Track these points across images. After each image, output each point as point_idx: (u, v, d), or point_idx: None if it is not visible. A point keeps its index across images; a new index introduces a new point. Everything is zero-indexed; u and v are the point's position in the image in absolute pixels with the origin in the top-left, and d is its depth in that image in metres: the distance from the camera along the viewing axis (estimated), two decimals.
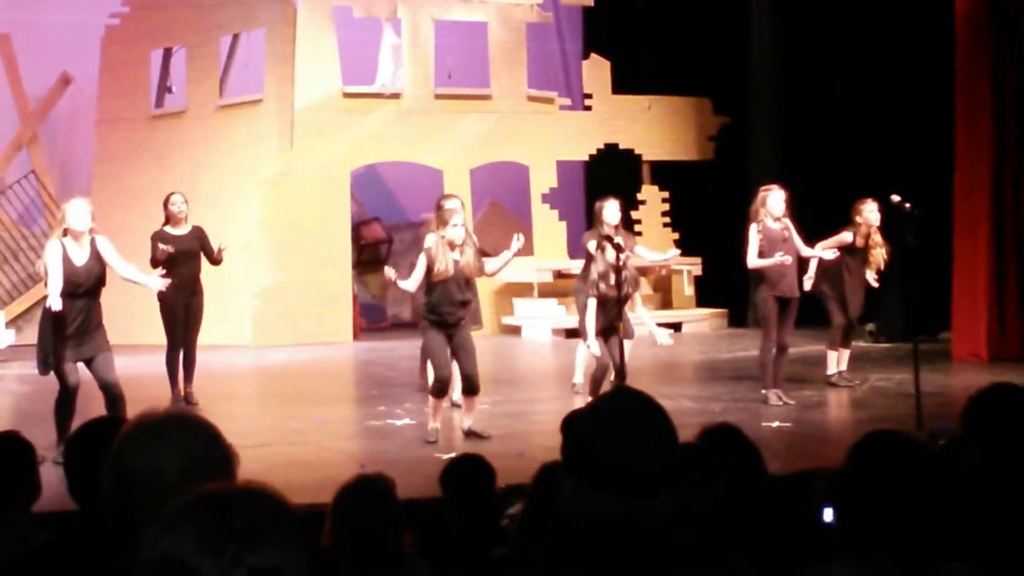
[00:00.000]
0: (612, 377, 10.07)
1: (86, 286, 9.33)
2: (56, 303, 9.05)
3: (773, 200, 11.01)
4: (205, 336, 11.80)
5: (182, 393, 11.62)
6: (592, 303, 10.17)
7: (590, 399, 10.35)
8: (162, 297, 11.44)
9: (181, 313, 11.67)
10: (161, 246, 11.35)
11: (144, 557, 1.69)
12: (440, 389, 9.65)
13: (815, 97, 17.59)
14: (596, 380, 10.31)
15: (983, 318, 13.20)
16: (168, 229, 11.82)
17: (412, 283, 9.72)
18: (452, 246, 9.63)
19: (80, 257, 9.33)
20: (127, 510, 2.27)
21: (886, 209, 10.88)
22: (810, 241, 11.38)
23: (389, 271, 9.84)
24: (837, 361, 11.93)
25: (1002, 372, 11.66)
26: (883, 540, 2.70)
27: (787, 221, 11.06)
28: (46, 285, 9.38)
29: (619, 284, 9.87)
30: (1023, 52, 13.38)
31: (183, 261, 11.59)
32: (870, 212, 11.69)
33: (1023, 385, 4.19)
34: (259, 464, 8.94)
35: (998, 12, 13.50)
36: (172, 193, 12.10)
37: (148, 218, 18.24)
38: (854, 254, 11.71)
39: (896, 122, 16.19)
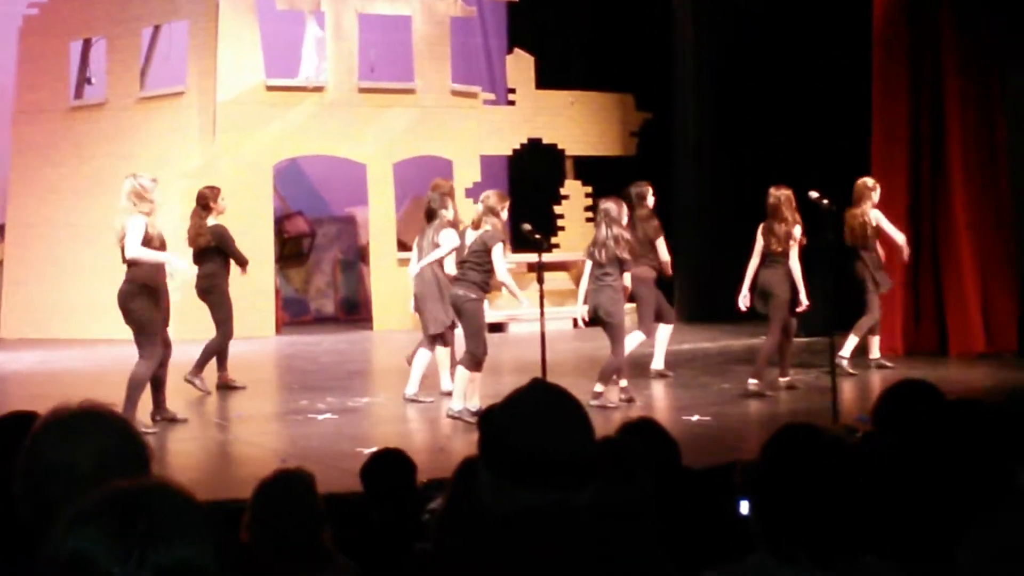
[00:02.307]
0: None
1: None
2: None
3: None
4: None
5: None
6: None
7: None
8: (225, 288, 11.98)
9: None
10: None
11: (52, 555, 1.70)
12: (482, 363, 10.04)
13: (736, 93, 17.73)
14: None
15: (899, 313, 13.38)
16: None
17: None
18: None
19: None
20: (42, 506, 2.26)
21: (804, 205, 10.99)
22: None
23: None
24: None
25: (917, 366, 11.84)
26: (798, 533, 2.73)
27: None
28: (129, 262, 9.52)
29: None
30: (938, 45, 13.56)
31: None
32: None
33: (932, 380, 4.26)
34: (180, 458, 8.90)
35: (915, 6, 13.71)
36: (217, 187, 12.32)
37: (67, 210, 18.08)
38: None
39: (815, 117, 16.35)
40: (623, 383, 10.68)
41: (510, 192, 21.07)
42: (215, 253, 12.01)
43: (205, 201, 12.11)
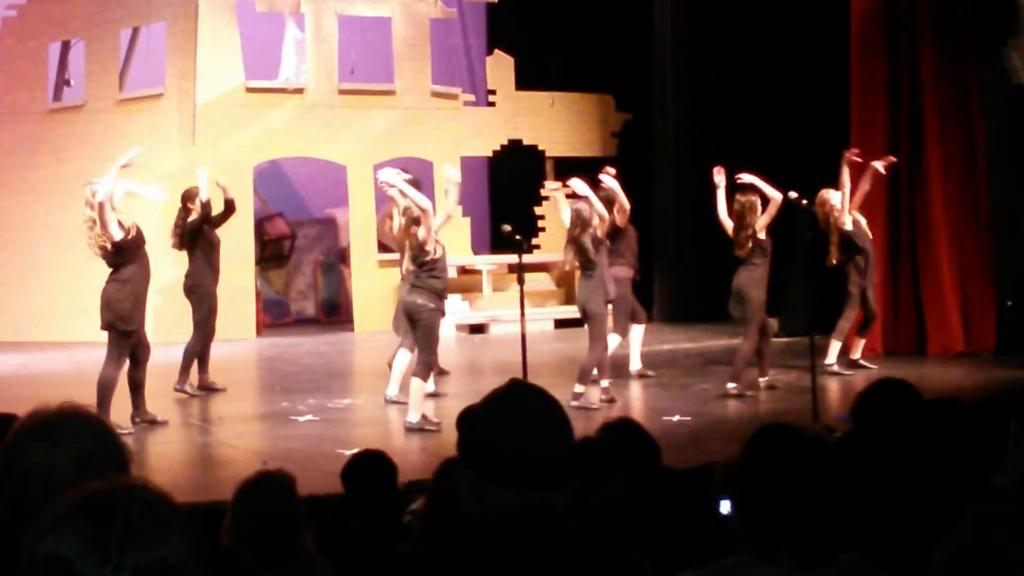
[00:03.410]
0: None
1: None
2: None
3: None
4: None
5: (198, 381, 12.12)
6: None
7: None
8: (209, 289, 12.07)
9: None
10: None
11: (29, 557, 1.70)
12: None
13: (716, 94, 17.77)
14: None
15: (878, 313, 13.43)
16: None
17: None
18: None
19: None
20: (20, 508, 2.26)
21: (785, 207, 11.02)
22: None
23: None
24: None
25: (895, 366, 11.88)
26: (778, 533, 2.74)
27: None
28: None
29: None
30: (915, 46, 13.62)
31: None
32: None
33: (911, 380, 4.29)
34: (161, 460, 8.89)
35: (892, 8, 13.77)
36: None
37: (45, 212, 18.01)
38: None
39: (795, 117, 16.39)
40: (604, 383, 10.69)
41: (490, 194, 21.15)
42: (200, 254, 12.01)
43: (187, 200, 12.13)
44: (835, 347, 12.20)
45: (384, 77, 18.97)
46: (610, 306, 11.14)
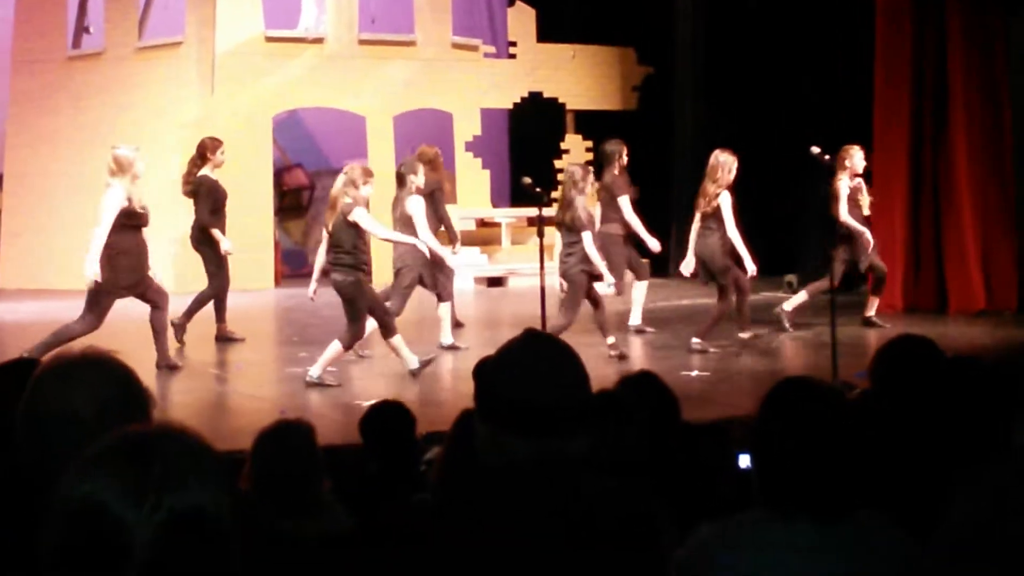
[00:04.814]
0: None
1: None
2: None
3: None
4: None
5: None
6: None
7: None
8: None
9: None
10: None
11: (64, 501, 1.69)
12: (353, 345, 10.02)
13: (738, 48, 17.66)
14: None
15: (899, 269, 13.37)
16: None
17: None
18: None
19: None
20: (43, 453, 2.26)
21: (806, 161, 10.95)
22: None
23: None
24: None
25: (915, 323, 11.84)
26: (797, 487, 2.73)
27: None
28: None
29: None
30: (941, 13, 13.49)
31: None
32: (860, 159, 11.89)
33: (931, 337, 4.26)
34: (179, 410, 8.91)
35: None
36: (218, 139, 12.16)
37: (63, 160, 18.02)
38: None
39: (817, 73, 16.30)
40: (610, 339, 10.66)
41: (510, 146, 21.09)
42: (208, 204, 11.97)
43: (204, 151, 12.05)
44: (798, 298, 12.13)
45: (405, 28, 18.89)
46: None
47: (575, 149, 19.73)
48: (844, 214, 11.64)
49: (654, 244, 12.06)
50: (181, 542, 1.68)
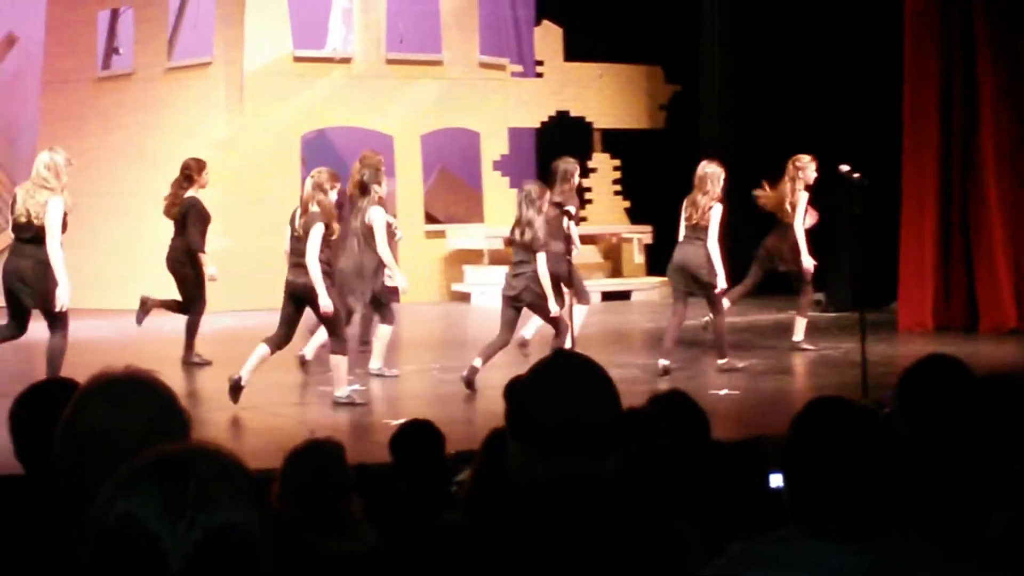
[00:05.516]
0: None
1: None
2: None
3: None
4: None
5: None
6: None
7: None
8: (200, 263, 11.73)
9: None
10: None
11: (101, 518, 1.71)
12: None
13: (764, 66, 17.63)
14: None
15: (929, 288, 13.30)
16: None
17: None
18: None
19: None
20: (82, 472, 2.27)
21: (835, 179, 10.93)
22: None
23: None
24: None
25: (946, 342, 11.77)
26: (828, 505, 2.72)
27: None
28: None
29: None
30: (969, 20, 13.43)
31: None
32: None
33: (955, 356, 4.22)
34: (210, 429, 8.93)
35: None
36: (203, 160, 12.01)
37: (94, 180, 18.11)
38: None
39: (845, 91, 16.25)
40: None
41: (537, 165, 21.10)
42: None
43: (188, 172, 11.85)
44: (801, 324, 12.14)
45: (432, 47, 18.94)
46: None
47: (602, 168, 19.73)
48: (800, 225, 11.68)
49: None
50: (215, 560, 1.70)
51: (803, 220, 11.72)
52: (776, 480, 4.37)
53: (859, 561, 2.68)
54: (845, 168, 10.45)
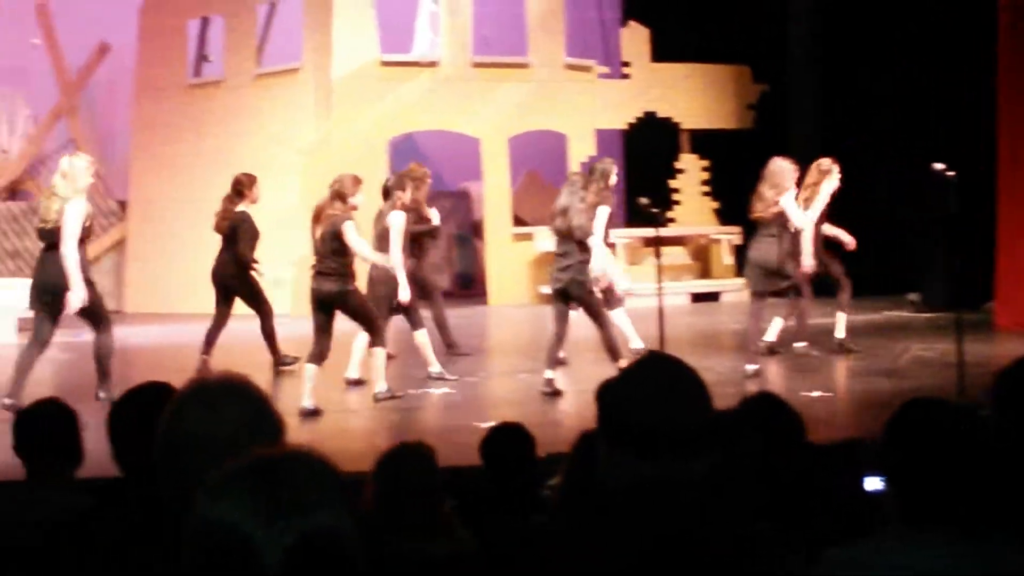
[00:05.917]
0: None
1: None
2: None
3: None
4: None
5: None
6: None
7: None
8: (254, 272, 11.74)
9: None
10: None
11: (196, 522, 1.72)
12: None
13: (854, 63, 17.45)
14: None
15: None
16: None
17: None
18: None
19: None
20: (179, 476, 2.29)
21: (928, 177, 10.75)
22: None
23: None
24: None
25: None
26: (931, 507, 2.68)
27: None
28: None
29: None
30: None
31: None
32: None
33: None
34: (302, 433, 9.00)
35: None
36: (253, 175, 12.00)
37: (185, 187, 18.38)
38: None
39: (938, 88, 16.03)
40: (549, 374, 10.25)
41: (625, 166, 21.05)
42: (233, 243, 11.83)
43: (240, 187, 11.74)
44: (842, 319, 11.96)
45: (518, 50, 18.97)
46: None
47: (691, 169, 19.63)
48: (810, 224, 11.54)
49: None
50: (308, 562, 1.70)
51: (812, 219, 11.53)
52: (871, 484, 4.30)
53: (963, 564, 2.63)
54: (939, 166, 10.28)
